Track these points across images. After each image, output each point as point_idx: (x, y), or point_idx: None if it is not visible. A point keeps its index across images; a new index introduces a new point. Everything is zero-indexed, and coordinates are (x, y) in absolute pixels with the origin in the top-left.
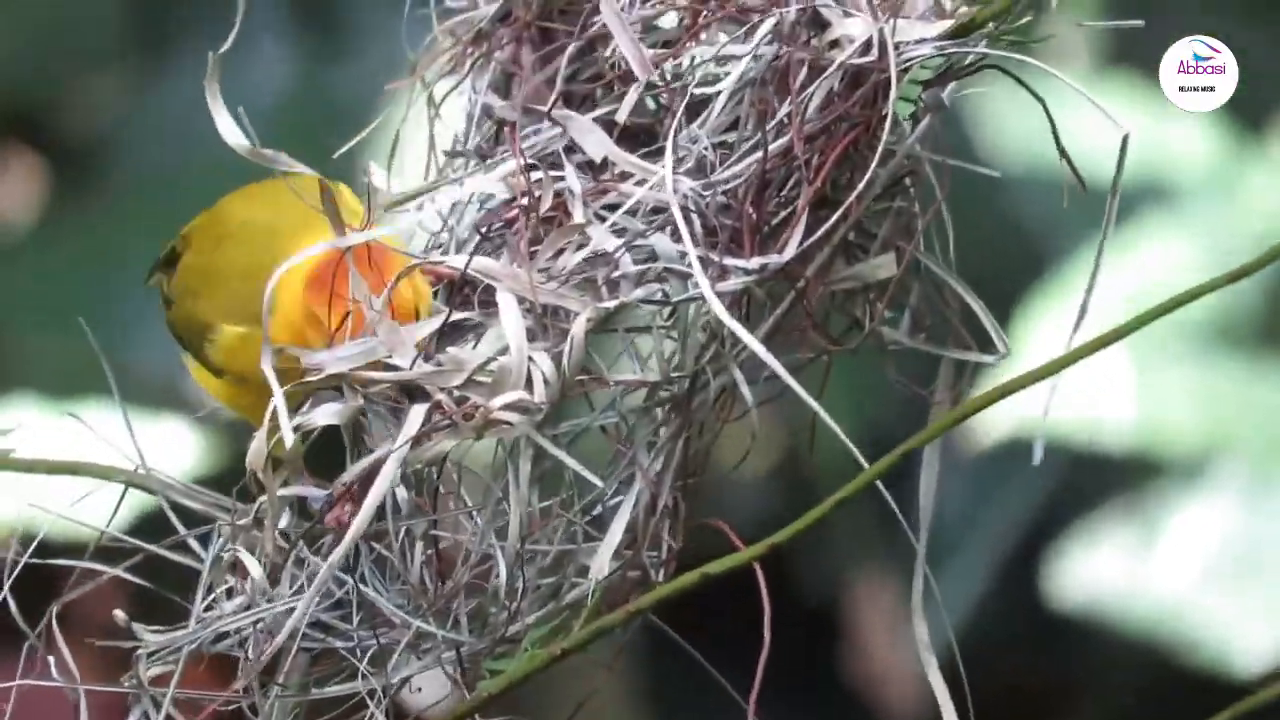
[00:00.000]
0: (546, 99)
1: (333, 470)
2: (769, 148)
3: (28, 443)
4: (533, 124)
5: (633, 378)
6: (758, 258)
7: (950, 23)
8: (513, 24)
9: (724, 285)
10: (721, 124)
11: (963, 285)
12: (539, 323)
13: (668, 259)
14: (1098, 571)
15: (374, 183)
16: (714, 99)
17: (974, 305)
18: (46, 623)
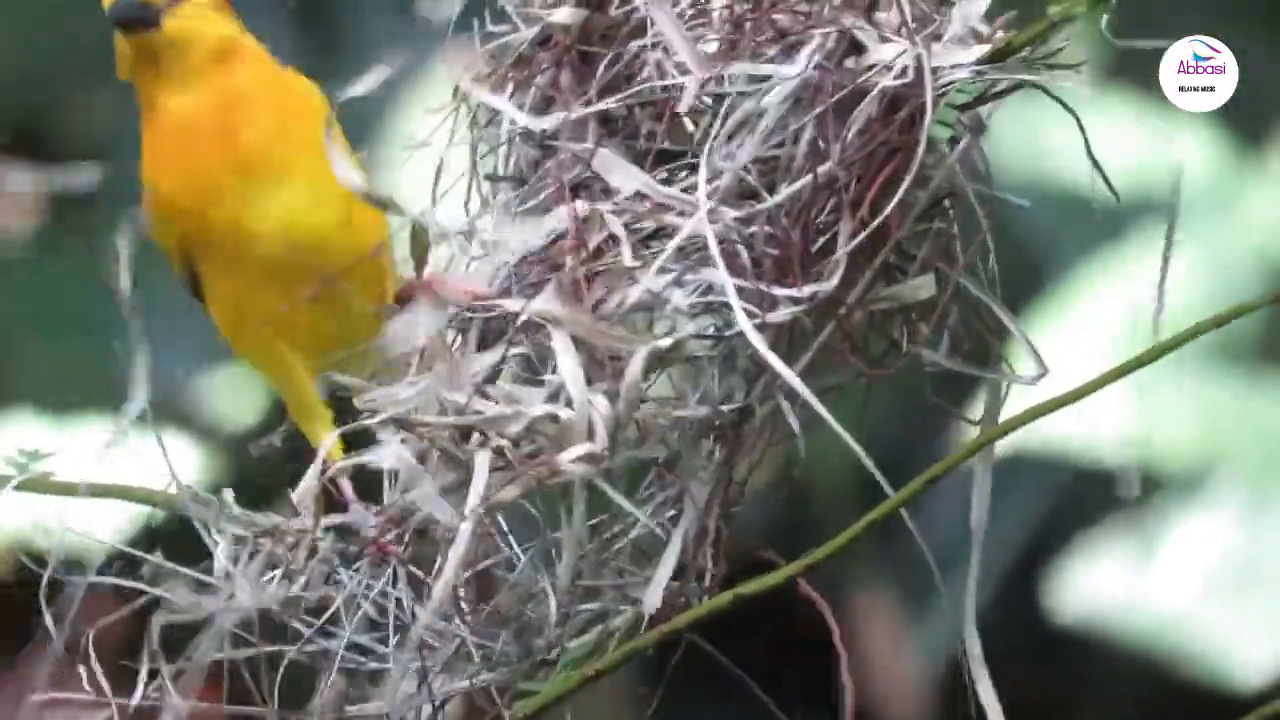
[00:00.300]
0: (587, 123)
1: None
2: (808, 174)
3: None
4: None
5: (688, 411)
6: (808, 286)
7: (987, 47)
8: (553, 48)
9: (774, 316)
10: (758, 146)
11: (1002, 307)
12: (591, 359)
13: (719, 292)
14: (1098, 585)
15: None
16: (751, 121)
17: (1011, 327)
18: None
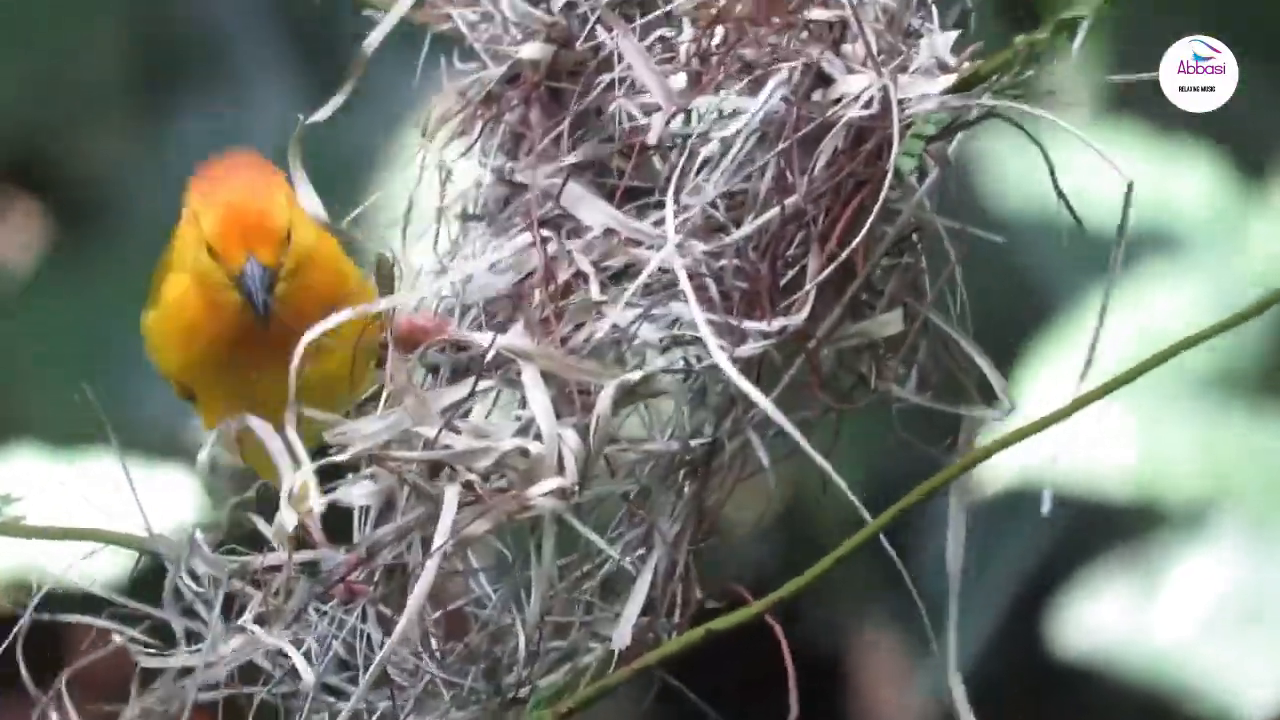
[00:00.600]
0: (555, 161)
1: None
2: (775, 208)
3: (32, 499)
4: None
5: (657, 446)
6: (778, 320)
7: (953, 77)
8: (521, 85)
9: (743, 350)
10: (726, 180)
11: (970, 342)
12: (561, 394)
13: (688, 326)
14: (1100, 620)
15: (389, 255)
16: (719, 155)
17: (980, 362)
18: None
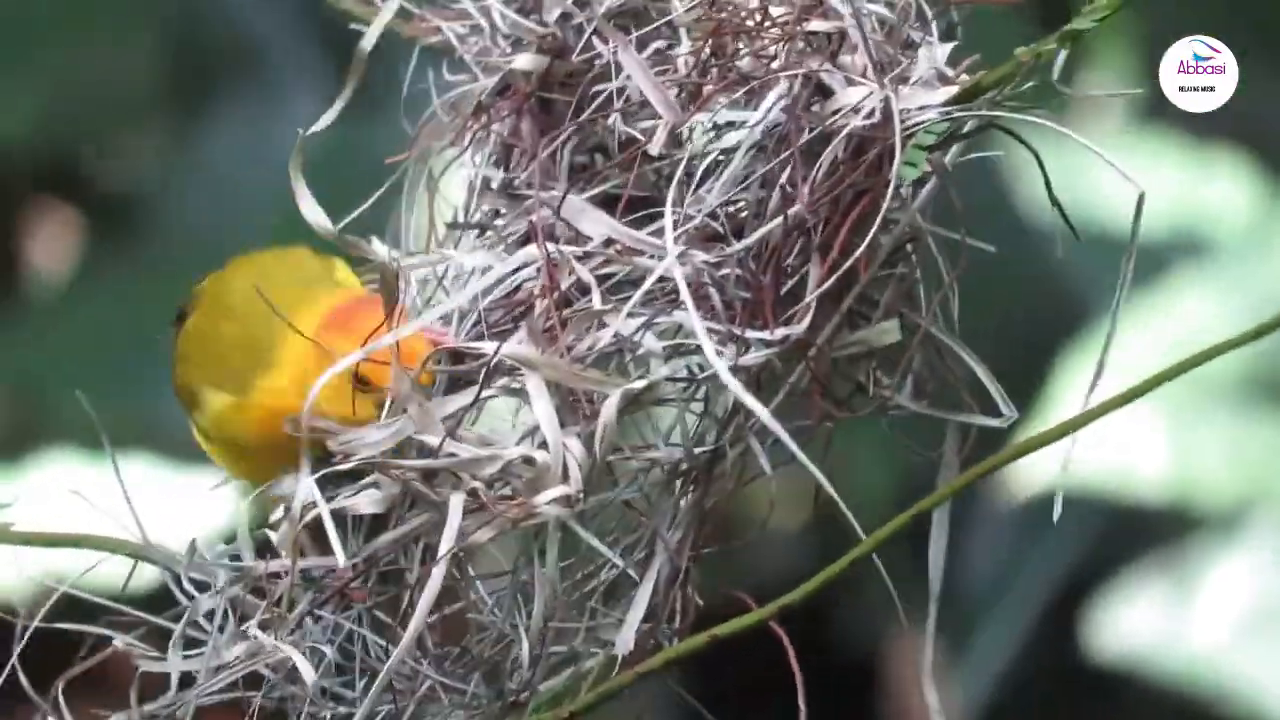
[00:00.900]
0: (549, 172)
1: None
2: (778, 218)
3: (62, 503)
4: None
5: (660, 454)
6: (780, 329)
7: (954, 89)
8: (512, 96)
9: (747, 359)
10: (726, 190)
11: (966, 350)
12: (564, 402)
13: (690, 335)
14: (1135, 624)
15: (377, 253)
16: (719, 166)
17: (977, 369)
18: (54, 694)
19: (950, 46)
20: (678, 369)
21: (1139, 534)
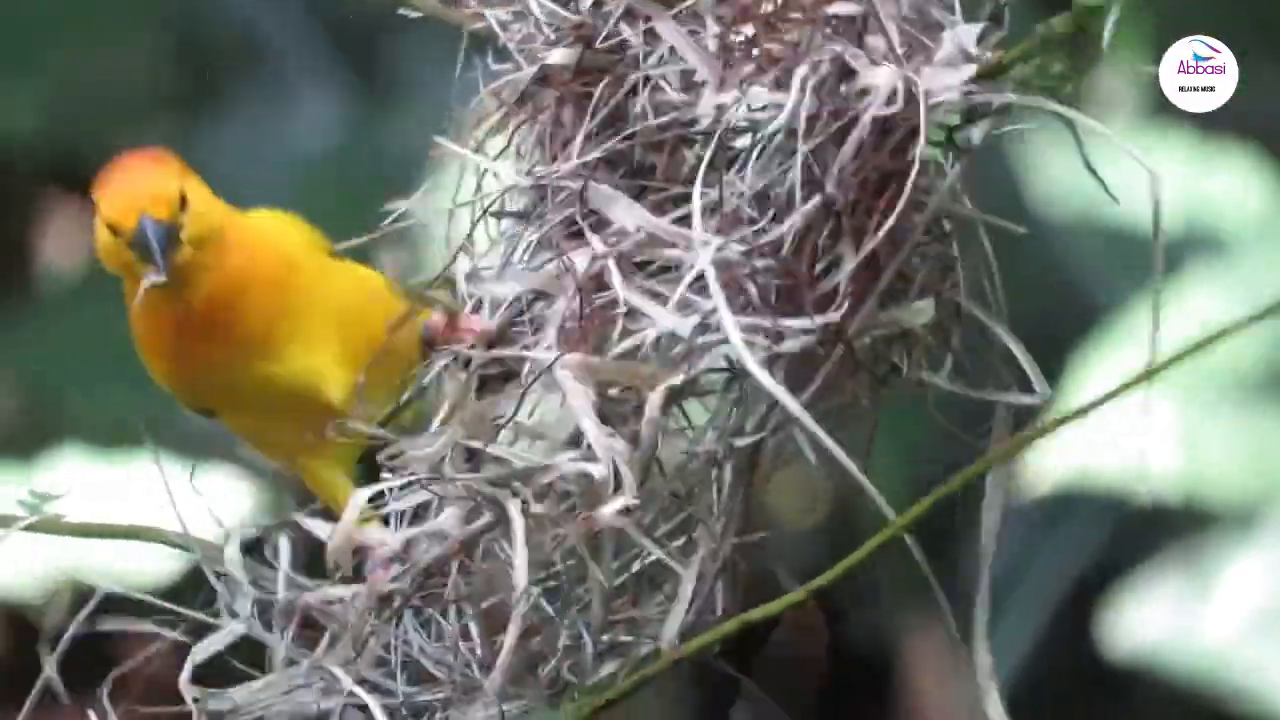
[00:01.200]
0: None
1: None
2: (809, 202)
3: (77, 499)
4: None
5: (705, 447)
6: (819, 317)
7: (974, 67)
8: (553, 85)
9: (784, 347)
10: (756, 177)
11: (1004, 328)
12: (604, 396)
13: (729, 328)
14: (1149, 620)
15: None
16: (747, 150)
17: (1014, 348)
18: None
19: (977, 27)
20: (716, 360)
21: (1153, 531)
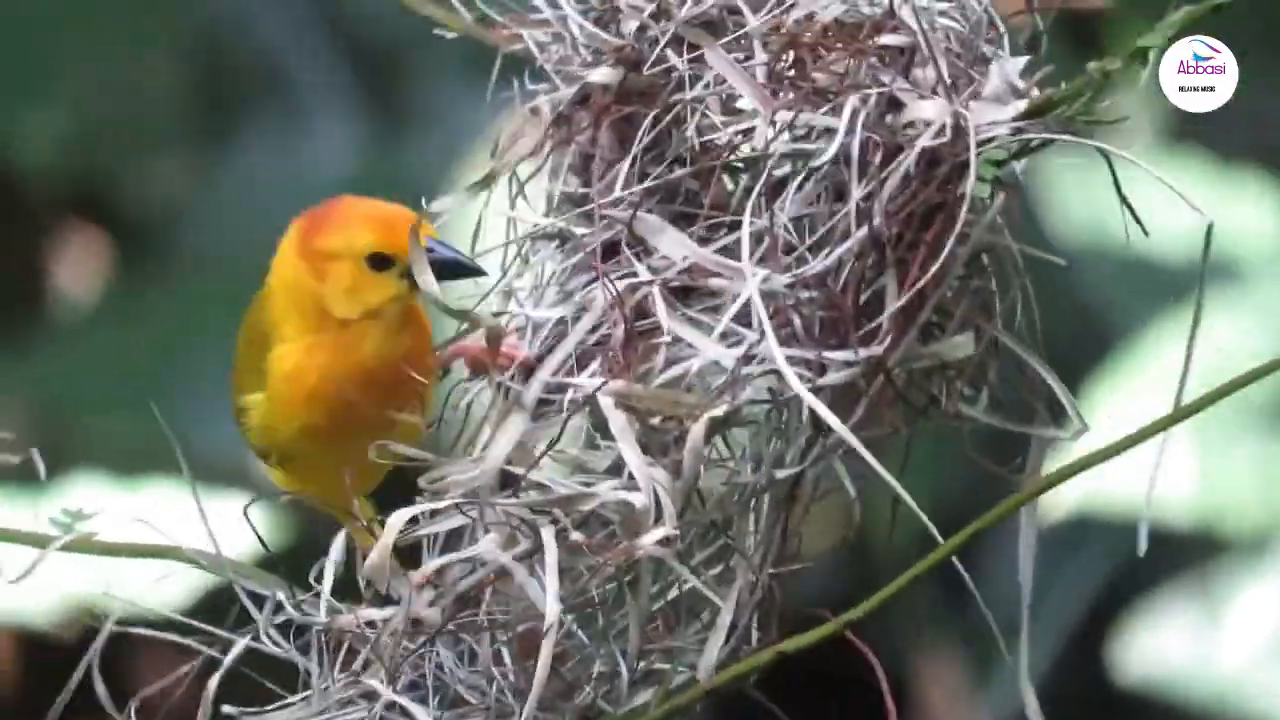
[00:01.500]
0: (629, 185)
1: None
2: (855, 234)
3: (97, 524)
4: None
5: (744, 478)
6: (863, 350)
7: (1024, 104)
8: (591, 107)
9: (827, 379)
10: (800, 208)
11: (1042, 364)
12: (645, 429)
13: (770, 360)
14: (1162, 647)
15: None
16: (792, 180)
17: (1052, 383)
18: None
19: (1023, 61)
20: (759, 391)
21: (1167, 557)
